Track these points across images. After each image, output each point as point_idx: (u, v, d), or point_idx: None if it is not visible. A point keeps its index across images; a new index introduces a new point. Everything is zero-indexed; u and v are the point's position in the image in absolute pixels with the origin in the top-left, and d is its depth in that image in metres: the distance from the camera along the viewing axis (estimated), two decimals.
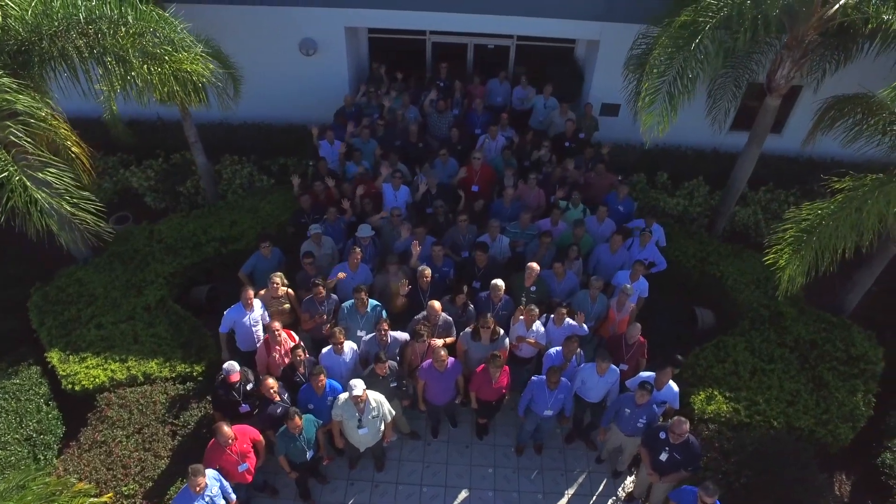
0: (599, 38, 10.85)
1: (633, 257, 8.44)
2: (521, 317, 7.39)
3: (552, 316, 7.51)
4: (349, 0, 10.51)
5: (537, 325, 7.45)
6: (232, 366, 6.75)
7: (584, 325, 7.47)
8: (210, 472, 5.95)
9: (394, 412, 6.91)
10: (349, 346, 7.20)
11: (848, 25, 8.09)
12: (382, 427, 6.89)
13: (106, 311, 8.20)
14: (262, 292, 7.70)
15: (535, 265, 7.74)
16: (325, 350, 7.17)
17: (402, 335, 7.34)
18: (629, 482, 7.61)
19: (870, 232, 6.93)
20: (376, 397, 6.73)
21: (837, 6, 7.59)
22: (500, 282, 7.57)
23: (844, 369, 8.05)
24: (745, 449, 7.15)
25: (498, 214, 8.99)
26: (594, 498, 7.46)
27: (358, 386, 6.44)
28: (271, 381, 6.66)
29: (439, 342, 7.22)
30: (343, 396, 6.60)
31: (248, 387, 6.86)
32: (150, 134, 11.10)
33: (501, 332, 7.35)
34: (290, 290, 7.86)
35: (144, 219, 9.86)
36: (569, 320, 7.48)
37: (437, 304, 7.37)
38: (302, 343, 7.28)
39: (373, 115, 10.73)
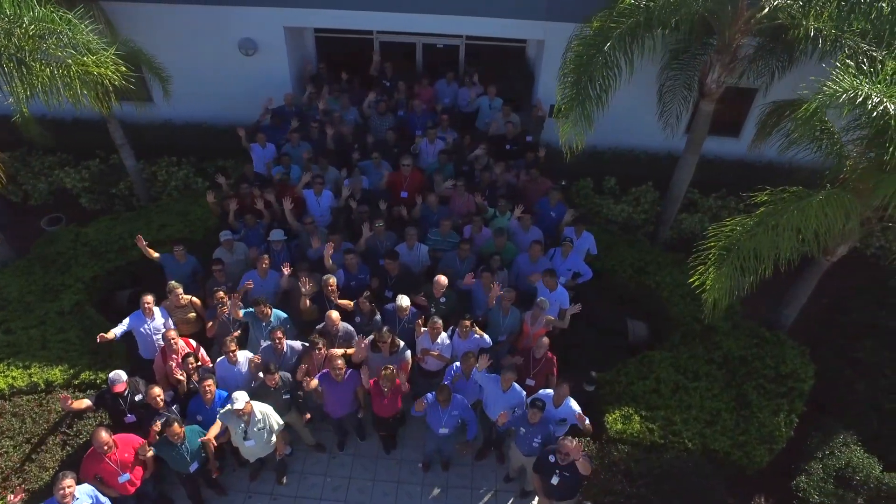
0: (545, 38, 10.52)
1: (556, 267, 8.14)
2: (424, 329, 7.16)
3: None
4: (288, 0, 10.33)
5: (443, 338, 7.21)
6: (118, 375, 6.62)
7: (486, 337, 7.20)
8: (83, 488, 5.81)
9: (282, 424, 6.72)
10: (244, 356, 7.03)
11: (780, 29, 7.68)
12: (275, 439, 6.74)
13: (17, 316, 8.12)
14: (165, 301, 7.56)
15: (442, 278, 7.48)
16: (219, 360, 7.02)
17: (300, 344, 7.16)
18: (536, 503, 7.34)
19: (787, 249, 6.57)
20: (262, 409, 6.55)
21: (766, 10, 7.22)
22: (405, 300, 7.33)
23: (771, 387, 7.68)
24: (653, 472, 6.84)
25: (425, 221, 8.75)
26: None
27: (239, 399, 6.27)
28: (156, 391, 6.53)
29: (339, 352, 7.02)
30: (228, 408, 6.44)
31: (137, 397, 6.72)
32: (93, 133, 11.02)
33: (401, 344, 7.12)
34: (194, 299, 7.70)
35: (81, 220, 9.80)
36: (475, 333, 7.22)
37: (334, 315, 7.17)
38: (201, 352, 7.14)
39: (315, 116, 10.55)
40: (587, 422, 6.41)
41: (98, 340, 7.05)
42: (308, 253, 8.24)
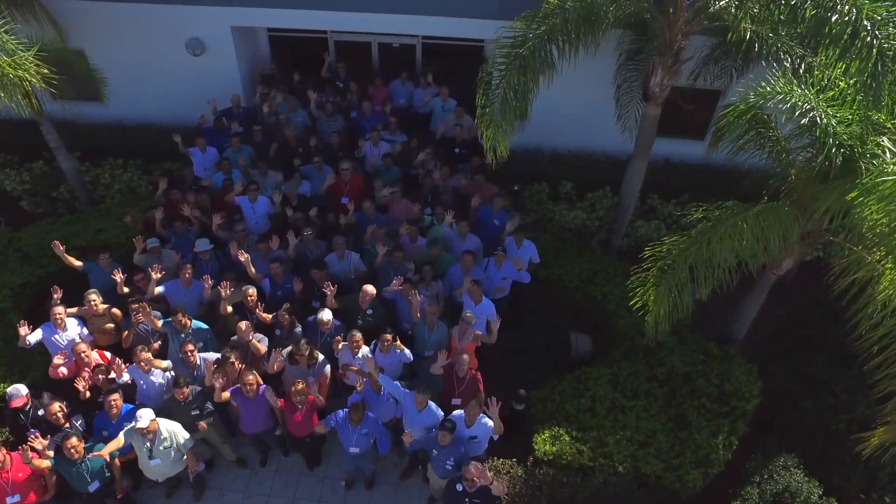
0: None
1: (490, 278, 7.82)
2: (343, 343, 6.88)
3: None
4: None
5: (364, 352, 6.92)
6: (16, 390, 6.41)
7: (407, 352, 6.91)
8: None
9: (191, 441, 6.46)
10: (162, 367, 6.79)
11: (727, 30, 7.29)
12: (184, 456, 6.49)
13: None
14: (76, 309, 7.31)
15: (369, 288, 7.19)
16: (132, 370, 6.76)
17: (215, 357, 6.90)
18: None
19: (723, 269, 6.22)
20: (169, 427, 6.31)
21: (708, 10, 6.84)
22: (326, 313, 7.05)
23: (713, 407, 7.32)
24: (578, 497, 6.53)
25: (362, 228, 8.45)
26: None
27: (143, 417, 6.03)
28: (55, 406, 6.30)
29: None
30: (132, 425, 6.19)
31: (41, 412, 6.49)
32: (38, 135, 10.79)
33: (320, 357, 6.85)
34: (115, 309, 7.46)
35: (22, 224, 9.60)
36: (397, 348, 6.92)
37: (244, 325, 6.90)
38: (116, 363, 6.89)
39: (270, 118, 10.28)
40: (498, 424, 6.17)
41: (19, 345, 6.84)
42: (237, 261, 7.97)
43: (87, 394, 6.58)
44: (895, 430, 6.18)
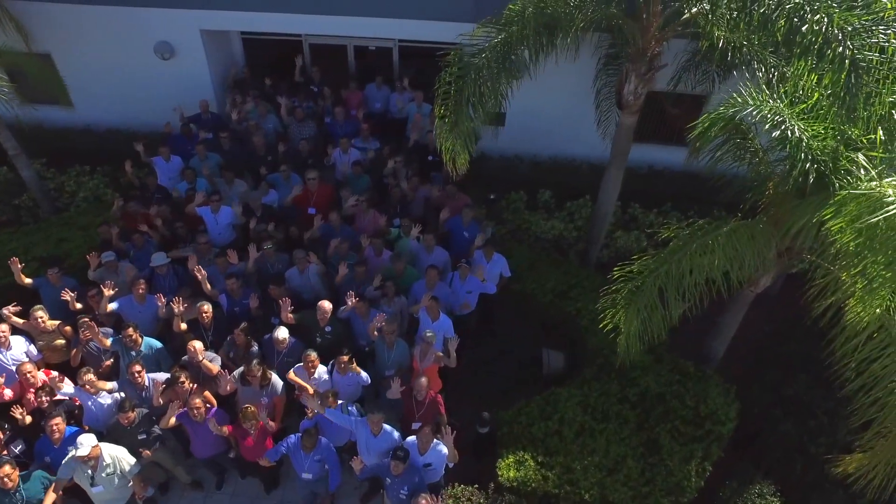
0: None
1: (455, 293, 7.53)
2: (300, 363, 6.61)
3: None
4: (204, 1, 9.74)
5: (320, 373, 6.65)
6: None
7: (364, 374, 6.62)
8: None
9: (137, 467, 6.19)
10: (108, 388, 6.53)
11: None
12: (131, 482, 6.23)
13: None
14: (23, 322, 7.05)
15: (325, 303, 6.91)
16: (76, 390, 6.49)
17: (165, 377, 6.63)
18: None
19: (693, 293, 5.92)
20: (112, 452, 6.03)
21: (683, 16, 6.51)
22: (282, 331, 6.77)
23: (687, 430, 7.01)
24: None
25: (328, 241, 8.15)
26: None
27: (84, 444, 5.75)
28: None
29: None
30: (71, 454, 5.93)
31: None
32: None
33: (273, 377, 6.57)
34: (67, 326, 7.19)
35: None
36: (353, 370, 6.64)
37: (197, 345, 6.63)
38: (50, 378, 6.60)
39: (241, 124, 10.00)
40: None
41: None
42: (193, 273, 7.68)
43: (27, 419, 6.31)
44: (875, 456, 5.89)
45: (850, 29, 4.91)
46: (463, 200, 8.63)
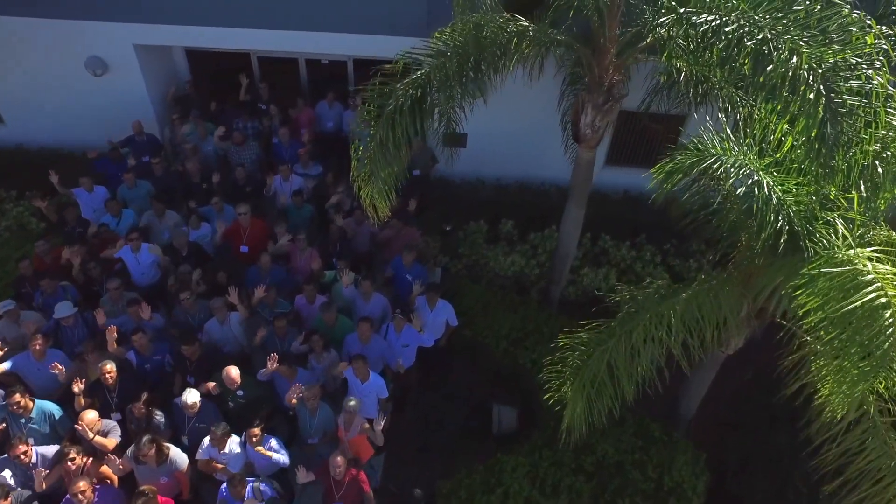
0: None
1: (391, 346, 6.74)
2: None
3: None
4: (138, 14, 8.94)
5: (231, 446, 5.90)
6: None
7: (280, 458, 5.86)
8: None
9: None
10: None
11: None
12: None
13: None
14: None
15: (232, 370, 6.12)
16: None
17: (53, 451, 5.88)
18: None
19: (649, 367, 5.12)
20: None
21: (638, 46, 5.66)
22: (192, 395, 6.00)
23: None
24: None
25: (253, 284, 7.37)
26: None
27: None
28: None
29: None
30: None
31: None
32: None
33: (170, 451, 5.81)
34: None
35: None
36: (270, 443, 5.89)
37: (91, 415, 5.86)
38: None
39: (181, 147, 9.22)
40: None
41: None
42: (101, 329, 6.92)
43: None
44: None
45: (823, 69, 4.06)
46: (409, 236, 7.83)
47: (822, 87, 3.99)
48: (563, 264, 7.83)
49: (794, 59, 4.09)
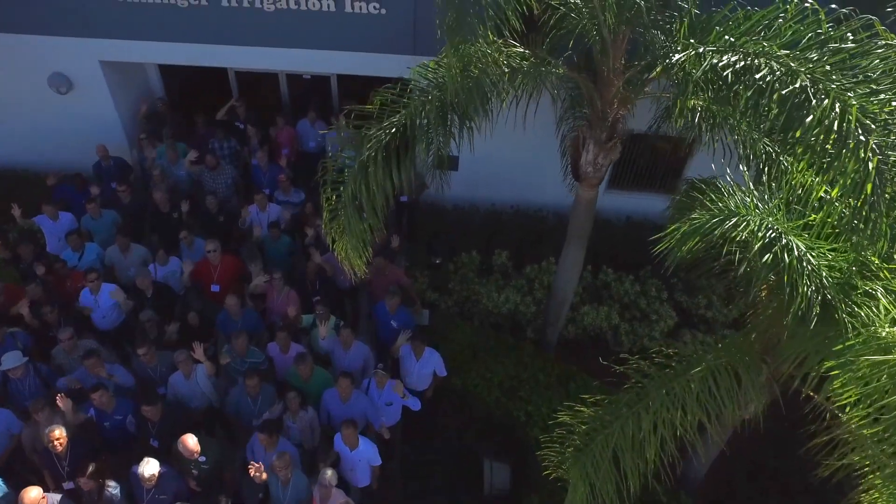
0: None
1: (373, 401, 6.12)
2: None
3: None
4: (103, 30, 8.27)
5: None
6: None
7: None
8: None
9: None
10: None
11: None
12: None
13: None
14: None
15: (189, 440, 5.46)
16: None
17: None
18: None
19: (654, 453, 4.52)
20: None
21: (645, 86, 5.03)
22: (151, 466, 5.36)
23: None
24: None
25: (224, 330, 6.75)
26: None
27: None
28: None
29: None
30: None
31: None
32: None
33: None
34: None
35: None
36: None
37: (33, 494, 5.21)
38: None
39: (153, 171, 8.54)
40: None
41: None
42: (58, 383, 6.28)
43: None
44: None
45: (872, 126, 3.42)
46: (394, 276, 7.19)
47: (872, 147, 3.35)
48: (561, 308, 7.21)
49: (838, 108, 3.44)
